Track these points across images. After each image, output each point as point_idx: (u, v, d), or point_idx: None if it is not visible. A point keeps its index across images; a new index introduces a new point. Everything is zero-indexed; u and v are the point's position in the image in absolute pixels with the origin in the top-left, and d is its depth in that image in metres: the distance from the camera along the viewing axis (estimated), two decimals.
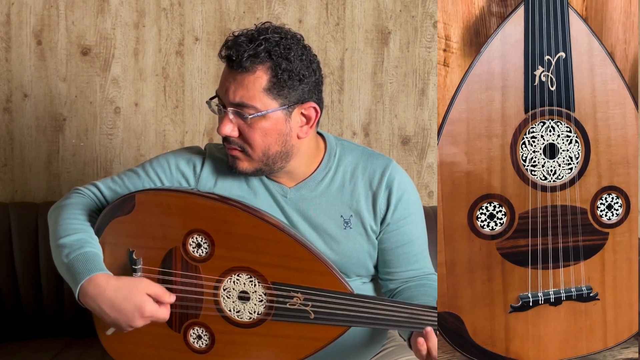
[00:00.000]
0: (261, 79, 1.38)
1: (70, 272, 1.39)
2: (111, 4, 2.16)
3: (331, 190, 1.51)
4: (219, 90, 1.43)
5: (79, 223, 1.45)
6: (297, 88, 1.40)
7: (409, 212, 1.52)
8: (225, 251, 1.40)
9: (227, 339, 1.41)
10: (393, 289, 1.54)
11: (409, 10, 2.26)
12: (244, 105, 1.38)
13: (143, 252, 1.43)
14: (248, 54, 1.36)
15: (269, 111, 1.39)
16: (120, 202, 1.45)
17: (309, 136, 1.47)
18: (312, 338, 1.38)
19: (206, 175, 1.51)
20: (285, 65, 1.37)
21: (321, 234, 1.49)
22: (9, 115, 2.16)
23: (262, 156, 1.43)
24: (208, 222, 1.40)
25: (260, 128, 1.40)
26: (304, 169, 1.50)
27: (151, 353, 1.45)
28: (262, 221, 1.39)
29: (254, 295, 1.39)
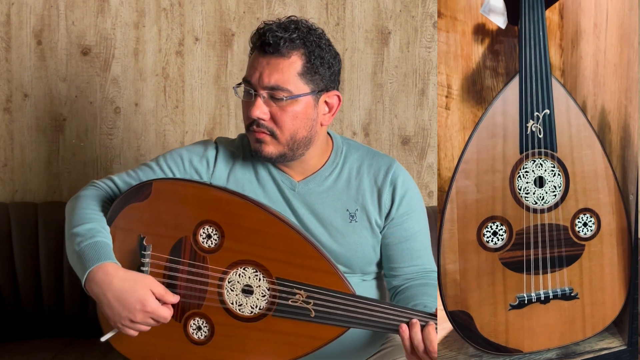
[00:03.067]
0: (296, 64, 1.44)
1: (80, 259, 1.41)
2: (111, 4, 2.16)
3: (338, 186, 1.54)
4: (249, 76, 1.47)
5: (93, 213, 1.48)
6: (325, 75, 1.47)
7: (412, 209, 1.56)
8: (234, 244, 1.41)
9: (226, 331, 1.42)
10: (397, 286, 1.56)
11: (409, 10, 2.26)
12: (279, 88, 1.44)
13: (154, 239, 1.45)
14: (285, 39, 1.43)
15: (301, 95, 1.45)
16: (137, 188, 1.47)
17: (326, 128, 1.54)
18: (311, 337, 1.38)
19: (219, 170, 1.55)
20: (318, 52, 1.46)
21: (327, 227, 1.52)
22: (9, 115, 2.16)
23: (289, 140, 1.47)
24: (220, 214, 1.42)
25: (291, 111, 1.45)
26: (315, 160, 1.54)
27: (150, 341, 1.45)
28: (272, 216, 1.41)
29: (258, 290, 1.40)
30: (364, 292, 1.53)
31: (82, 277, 1.40)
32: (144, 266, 1.44)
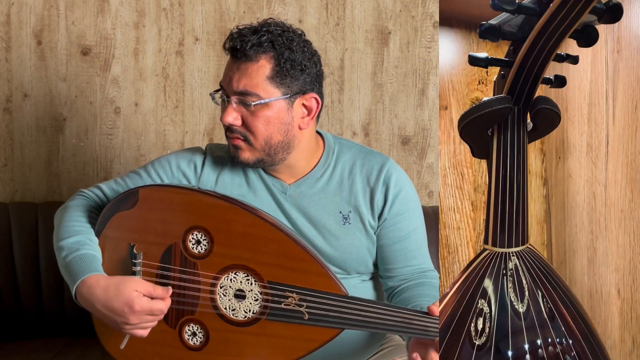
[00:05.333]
0: (264, 68, 1.41)
1: (68, 273, 1.41)
2: (111, 4, 2.16)
3: (330, 187, 1.52)
4: (222, 81, 1.46)
5: (79, 225, 1.47)
6: (298, 78, 1.43)
7: (405, 208, 1.53)
8: (224, 249, 1.40)
9: (221, 337, 1.41)
10: (394, 287, 1.54)
11: (409, 10, 2.26)
12: (248, 93, 1.41)
13: (144, 247, 1.44)
14: (252, 43, 1.40)
15: (272, 99, 1.42)
16: (124, 196, 1.46)
17: (310, 130, 1.50)
18: (305, 339, 1.37)
19: (207, 174, 1.53)
20: (287, 54, 1.41)
21: (320, 230, 1.50)
22: (9, 115, 2.16)
23: (264, 145, 1.45)
24: (208, 219, 1.41)
25: (263, 116, 1.43)
26: (304, 164, 1.52)
27: (146, 349, 1.45)
28: (261, 220, 1.40)
29: (250, 294, 1.39)
30: (363, 292, 1.52)
31: (72, 293, 1.40)
32: (136, 274, 1.43)
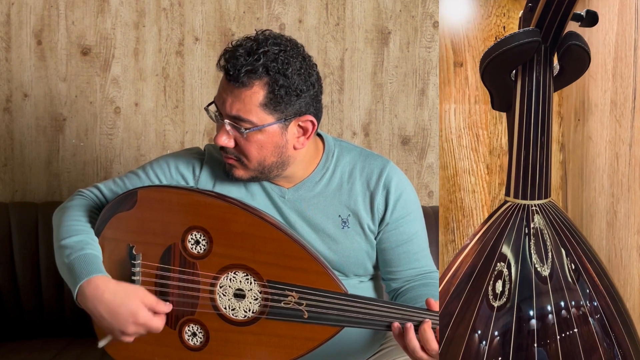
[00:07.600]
0: (258, 94, 1.37)
1: (70, 272, 1.40)
2: (111, 4, 2.16)
3: (329, 190, 1.51)
4: (216, 99, 1.43)
5: (80, 225, 1.46)
6: (294, 103, 1.39)
7: (407, 212, 1.52)
8: (223, 249, 1.40)
9: (221, 336, 1.41)
10: (397, 289, 1.54)
11: (409, 10, 2.26)
12: (241, 119, 1.39)
13: (143, 247, 1.44)
14: (246, 69, 1.36)
15: (265, 125, 1.39)
16: (122, 197, 1.46)
17: (301, 150, 1.47)
18: (306, 338, 1.38)
19: (205, 178, 1.53)
20: (282, 81, 1.37)
21: (319, 233, 1.50)
22: (9, 115, 2.16)
23: (257, 166, 1.44)
24: (207, 219, 1.41)
25: (256, 141, 1.41)
26: (302, 172, 1.51)
27: (146, 349, 1.45)
28: (260, 219, 1.40)
29: (250, 294, 1.39)
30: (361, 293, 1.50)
31: (74, 291, 1.39)
32: (135, 275, 1.43)
